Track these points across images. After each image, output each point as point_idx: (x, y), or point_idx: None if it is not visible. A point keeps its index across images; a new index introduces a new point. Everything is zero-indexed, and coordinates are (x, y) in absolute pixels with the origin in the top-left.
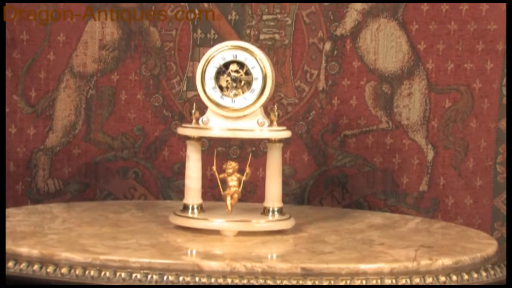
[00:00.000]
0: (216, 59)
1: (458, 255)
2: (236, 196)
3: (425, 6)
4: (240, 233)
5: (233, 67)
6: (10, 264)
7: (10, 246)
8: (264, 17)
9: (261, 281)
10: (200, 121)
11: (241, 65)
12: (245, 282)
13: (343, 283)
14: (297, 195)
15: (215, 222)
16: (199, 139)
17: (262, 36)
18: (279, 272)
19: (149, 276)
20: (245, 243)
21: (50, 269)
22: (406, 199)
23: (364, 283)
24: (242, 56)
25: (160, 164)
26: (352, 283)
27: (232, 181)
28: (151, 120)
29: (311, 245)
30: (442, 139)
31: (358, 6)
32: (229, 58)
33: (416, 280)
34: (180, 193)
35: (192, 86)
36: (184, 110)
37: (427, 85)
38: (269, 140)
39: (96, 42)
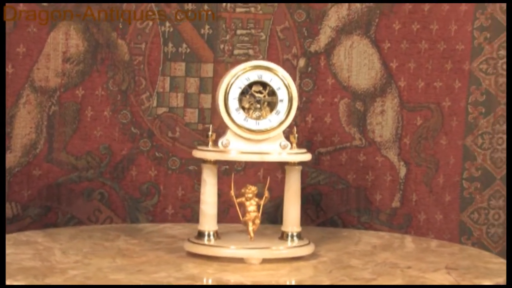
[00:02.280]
0: (240, 80)
1: (492, 276)
2: (258, 221)
3: (397, 25)
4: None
5: (256, 87)
6: None
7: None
8: (238, 31)
9: None
10: (219, 144)
11: (263, 85)
12: None
13: None
14: (271, 214)
15: (242, 250)
16: (216, 162)
17: (236, 52)
18: None
19: None
20: (278, 271)
21: None
22: (379, 215)
23: None
24: (267, 77)
25: (128, 184)
26: None
27: (251, 205)
28: (118, 138)
29: (345, 271)
30: (414, 156)
31: (332, 22)
32: (253, 78)
33: None
34: (148, 214)
35: (162, 102)
36: (153, 127)
37: (399, 103)
38: (288, 163)
39: (60, 55)
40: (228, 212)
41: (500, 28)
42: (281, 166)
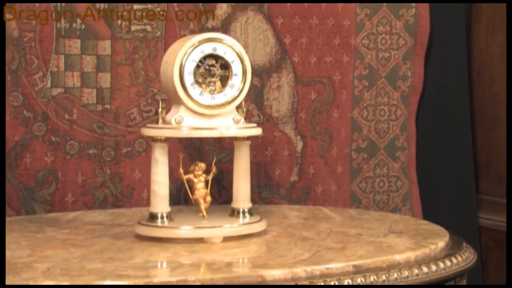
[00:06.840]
0: (195, 53)
1: (440, 237)
2: (209, 199)
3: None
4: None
5: (209, 61)
6: None
7: (23, 281)
8: (135, 7)
9: (332, 283)
10: (173, 121)
11: (215, 58)
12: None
13: (395, 275)
14: (173, 195)
15: (202, 230)
16: (167, 140)
17: (133, 28)
18: (335, 272)
19: None
20: (249, 248)
21: None
22: (279, 190)
23: (416, 272)
24: (221, 50)
25: (22, 173)
26: (403, 274)
27: (200, 182)
28: (10, 122)
29: (309, 242)
30: (309, 130)
31: None
32: (208, 51)
33: (448, 263)
34: (45, 204)
35: (57, 82)
36: (48, 110)
37: (294, 78)
38: (237, 138)
39: None
40: (131, 197)
41: (378, 5)
42: (182, 146)
